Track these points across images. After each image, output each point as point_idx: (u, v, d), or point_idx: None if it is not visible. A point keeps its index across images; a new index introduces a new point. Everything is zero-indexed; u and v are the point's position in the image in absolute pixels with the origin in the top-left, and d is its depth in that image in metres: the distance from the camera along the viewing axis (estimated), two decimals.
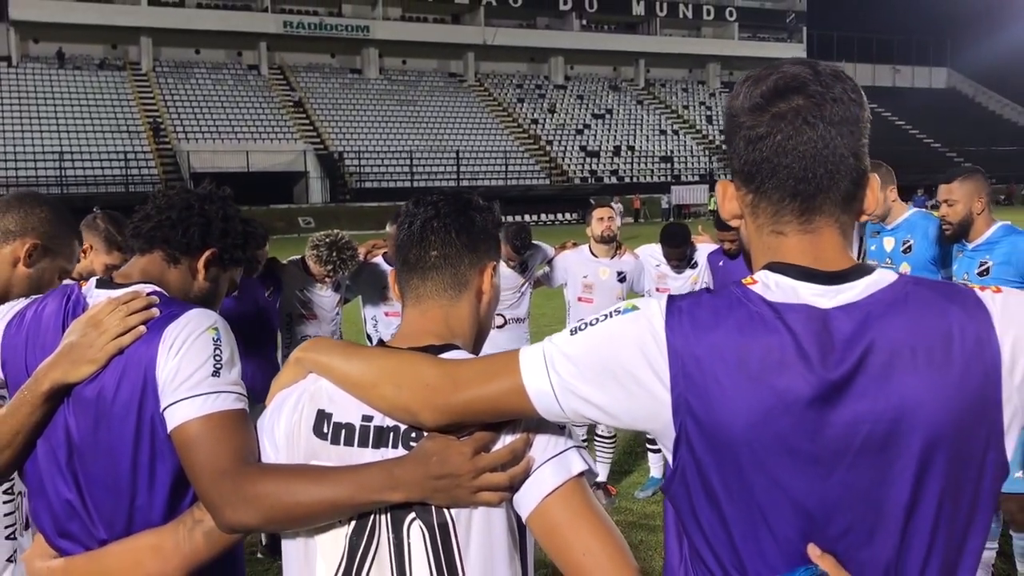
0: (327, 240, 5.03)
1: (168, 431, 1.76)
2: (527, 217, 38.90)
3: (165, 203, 2.00)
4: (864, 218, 1.39)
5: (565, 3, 59.29)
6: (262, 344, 4.91)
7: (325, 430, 1.56)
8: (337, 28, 54.12)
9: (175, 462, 1.79)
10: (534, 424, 1.47)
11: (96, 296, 1.94)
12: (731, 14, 64.61)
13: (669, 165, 53.01)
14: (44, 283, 2.36)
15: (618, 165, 52.62)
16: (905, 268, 4.68)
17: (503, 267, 5.94)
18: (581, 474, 1.47)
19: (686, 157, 54.59)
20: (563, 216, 43.64)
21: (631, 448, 7.07)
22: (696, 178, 50.94)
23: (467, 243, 1.65)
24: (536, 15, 60.56)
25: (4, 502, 2.39)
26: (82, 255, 3.55)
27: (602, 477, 6.21)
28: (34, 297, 2.04)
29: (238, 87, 51.11)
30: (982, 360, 1.24)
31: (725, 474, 1.28)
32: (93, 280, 1.99)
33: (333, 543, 1.57)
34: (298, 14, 53.70)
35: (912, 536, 1.27)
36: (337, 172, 45.84)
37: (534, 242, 6.05)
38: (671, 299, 1.32)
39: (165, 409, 1.76)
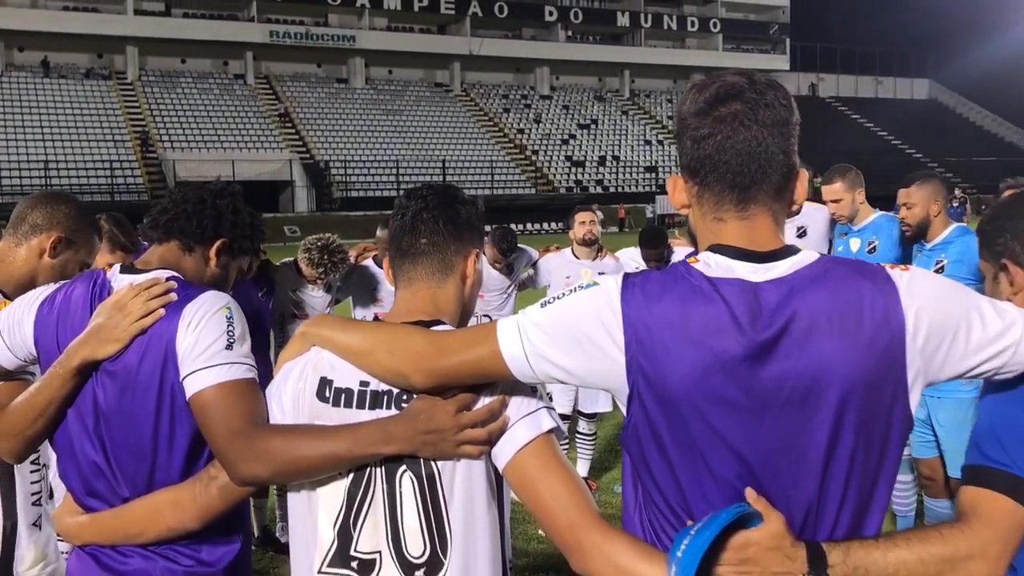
0: (319, 243, 5.23)
1: (187, 398, 1.96)
2: (513, 226, 39.11)
3: (181, 198, 2.21)
4: (794, 207, 1.61)
5: (551, 14, 59.65)
6: (255, 342, 5.09)
7: (327, 394, 1.77)
8: (323, 38, 54.23)
9: (192, 426, 1.99)
10: (509, 387, 1.68)
11: (120, 280, 2.14)
12: (715, 25, 65.11)
13: (654, 175, 53.33)
14: (67, 274, 2.57)
15: (603, 175, 52.93)
16: None
17: (490, 270, 6.17)
18: (551, 431, 1.68)
19: (671, 167, 54.92)
20: (549, 225, 43.86)
21: (611, 445, 7.28)
22: None
23: (453, 232, 1.86)
24: (522, 26, 60.89)
25: (31, 471, 2.58)
26: None
27: (583, 472, 6.43)
28: (63, 282, 2.24)
29: (224, 96, 51.14)
30: (889, 327, 1.46)
31: (671, 425, 1.49)
32: (117, 266, 2.19)
33: (333, 494, 1.77)
34: (284, 24, 53.78)
35: (830, 479, 1.48)
36: (323, 181, 45.94)
37: (519, 246, 6.28)
38: (626, 276, 1.54)
39: (184, 378, 1.97)
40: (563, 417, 6.09)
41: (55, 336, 2.12)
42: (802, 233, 5.63)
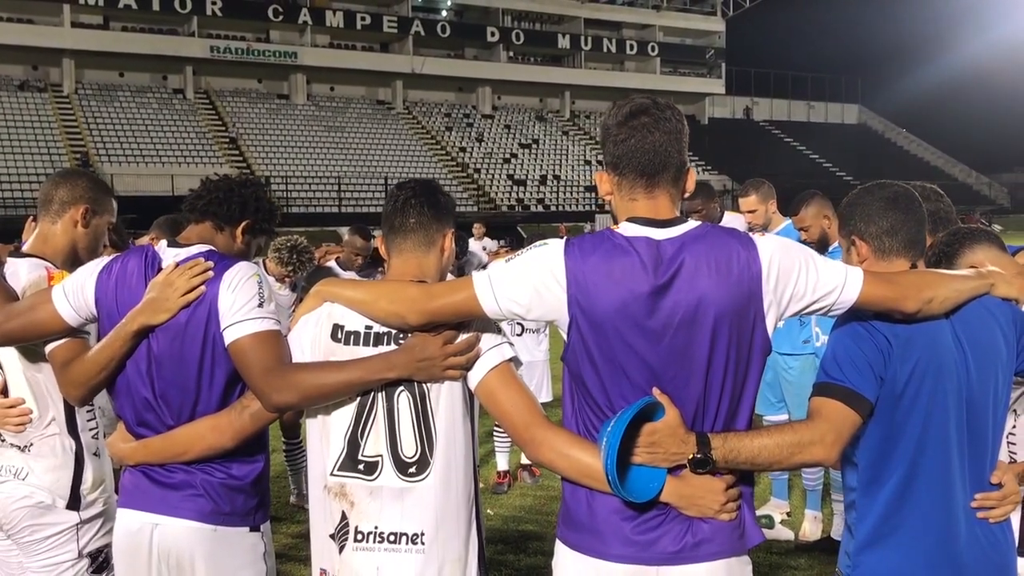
0: (288, 244, 5.73)
1: (226, 344, 2.47)
2: None
3: (213, 187, 2.73)
4: (686, 193, 2.21)
5: (493, 35, 60.51)
6: None
7: (339, 336, 2.31)
8: (264, 54, 54.12)
9: (228, 368, 2.51)
10: (481, 326, 2.26)
11: (167, 253, 2.64)
12: (653, 49, 66.59)
13: (593, 194, 54.27)
14: (99, 235, 3.09)
15: (544, 194, 53.79)
16: None
17: None
18: (511, 359, 2.26)
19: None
20: (500, 242, 44.42)
21: None
22: None
23: (434, 215, 2.43)
24: (464, 45, 61.60)
25: (87, 411, 3.07)
26: None
27: (501, 465, 7.13)
28: (114, 256, 2.73)
29: (163, 111, 50.70)
30: (750, 271, 2.07)
31: (599, 343, 2.08)
32: (164, 241, 2.70)
33: (343, 414, 2.31)
34: (225, 39, 53.53)
35: (711, 381, 2.08)
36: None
37: (470, 250, 6.90)
38: (567, 239, 2.13)
39: (225, 329, 2.49)
40: None
41: (115, 298, 2.62)
42: None
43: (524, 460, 7.31)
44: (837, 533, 5.51)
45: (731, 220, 6.31)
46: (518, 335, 6.89)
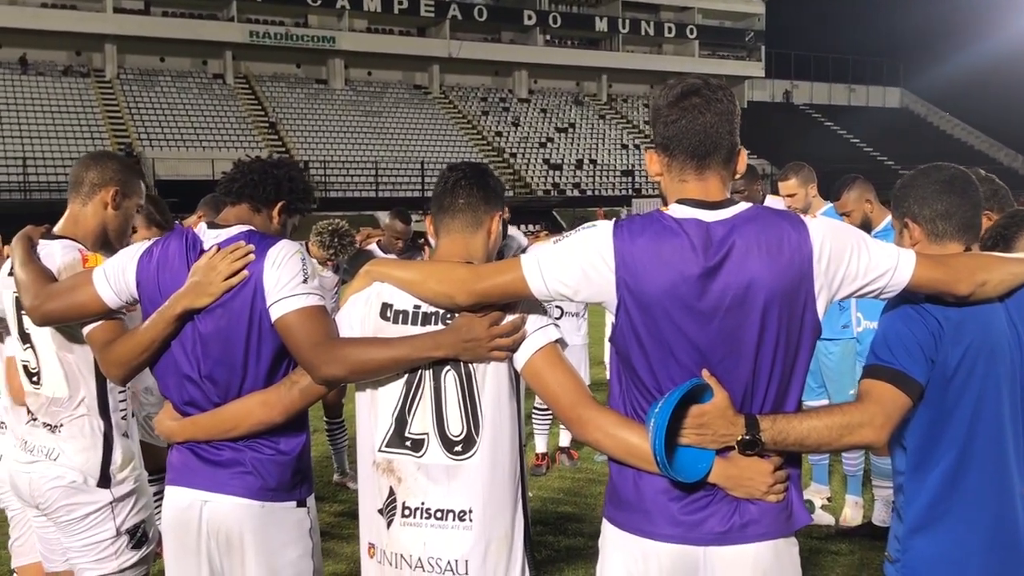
0: (330, 228, 5.79)
1: (272, 321, 2.51)
2: None
3: (247, 169, 2.76)
4: (737, 175, 2.20)
5: (529, 18, 60.26)
6: None
7: (388, 315, 2.34)
8: (303, 39, 54.42)
9: (275, 344, 2.54)
10: (527, 307, 2.26)
11: (208, 235, 2.67)
12: (692, 32, 65.92)
13: (630, 179, 54.11)
14: (128, 217, 3.14)
15: (580, 178, 53.60)
16: None
17: None
18: (556, 340, 2.27)
19: (647, 171, 55.47)
20: (526, 227, 44.39)
21: None
22: (656, 192, 51.96)
23: (483, 196, 2.44)
24: (501, 29, 61.43)
25: (119, 392, 3.14)
26: None
27: (540, 448, 7.16)
28: (155, 239, 2.77)
29: (203, 96, 51.20)
30: (801, 253, 2.05)
31: (647, 325, 2.07)
32: (203, 224, 2.73)
33: (391, 391, 2.34)
34: (264, 24, 53.90)
35: (761, 363, 2.07)
36: None
37: (509, 233, 6.89)
38: (616, 220, 2.13)
39: (271, 305, 2.52)
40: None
41: (156, 282, 2.66)
42: None
43: (563, 443, 7.35)
44: (878, 519, 5.48)
45: (772, 204, 6.26)
46: (557, 319, 6.90)
